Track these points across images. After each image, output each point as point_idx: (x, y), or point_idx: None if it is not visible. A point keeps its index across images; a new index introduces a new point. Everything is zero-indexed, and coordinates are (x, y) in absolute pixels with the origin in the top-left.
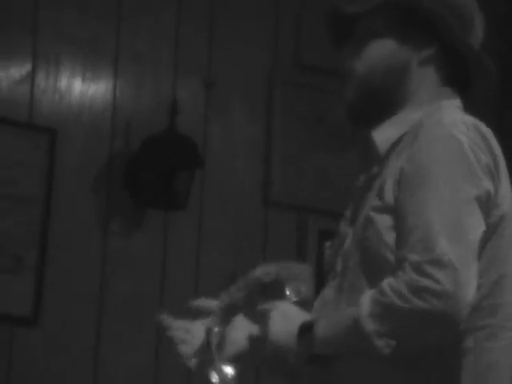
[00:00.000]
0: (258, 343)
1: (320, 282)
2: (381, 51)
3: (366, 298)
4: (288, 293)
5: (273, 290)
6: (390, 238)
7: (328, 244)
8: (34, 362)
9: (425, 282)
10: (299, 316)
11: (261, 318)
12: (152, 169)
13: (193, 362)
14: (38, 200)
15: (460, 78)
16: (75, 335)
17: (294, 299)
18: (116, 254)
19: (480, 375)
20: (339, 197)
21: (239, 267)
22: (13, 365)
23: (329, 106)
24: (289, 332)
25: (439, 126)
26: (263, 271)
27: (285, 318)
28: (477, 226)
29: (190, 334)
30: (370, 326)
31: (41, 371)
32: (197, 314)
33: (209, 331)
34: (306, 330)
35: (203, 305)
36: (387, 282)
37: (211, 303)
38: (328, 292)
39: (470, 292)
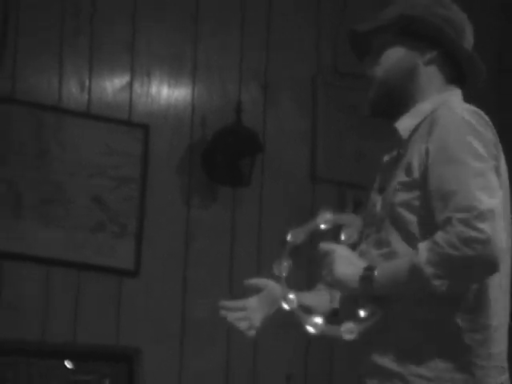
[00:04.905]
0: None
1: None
2: (393, 57)
3: (423, 248)
4: (343, 237)
5: (331, 234)
6: (415, 204)
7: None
8: (137, 303)
9: (472, 233)
10: (360, 261)
11: (322, 257)
12: (223, 154)
13: (252, 333)
14: (136, 180)
15: (459, 76)
16: (167, 283)
17: (347, 243)
18: (196, 221)
19: (486, 305)
20: (371, 173)
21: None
22: (121, 306)
23: (361, 101)
24: (353, 274)
25: (452, 113)
26: (323, 218)
27: (348, 261)
28: (498, 187)
29: (247, 310)
30: (428, 270)
31: (142, 311)
32: (251, 290)
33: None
34: (368, 272)
35: (256, 283)
36: (440, 235)
37: (262, 281)
38: (364, 247)
39: (503, 239)
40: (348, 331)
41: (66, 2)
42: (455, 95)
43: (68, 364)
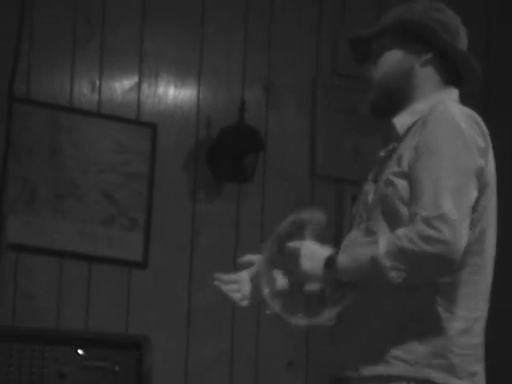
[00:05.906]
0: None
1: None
2: (391, 60)
3: (383, 241)
4: (307, 234)
5: (296, 234)
6: (404, 195)
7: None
8: (145, 293)
9: (431, 231)
10: (324, 251)
11: (291, 254)
12: (227, 151)
13: (245, 303)
14: (144, 176)
15: (455, 76)
16: (174, 274)
17: (312, 237)
18: (201, 215)
19: (468, 298)
20: (367, 168)
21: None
22: (131, 295)
23: (359, 101)
24: (317, 265)
25: (444, 114)
26: (285, 224)
27: (312, 254)
28: (472, 191)
29: (240, 283)
30: (386, 262)
31: (150, 300)
32: (244, 266)
33: (259, 277)
34: (330, 262)
35: (248, 259)
36: (402, 231)
37: (254, 257)
38: (354, 234)
39: (463, 242)
40: (297, 319)
41: (79, 6)
42: (452, 94)
43: (80, 351)
